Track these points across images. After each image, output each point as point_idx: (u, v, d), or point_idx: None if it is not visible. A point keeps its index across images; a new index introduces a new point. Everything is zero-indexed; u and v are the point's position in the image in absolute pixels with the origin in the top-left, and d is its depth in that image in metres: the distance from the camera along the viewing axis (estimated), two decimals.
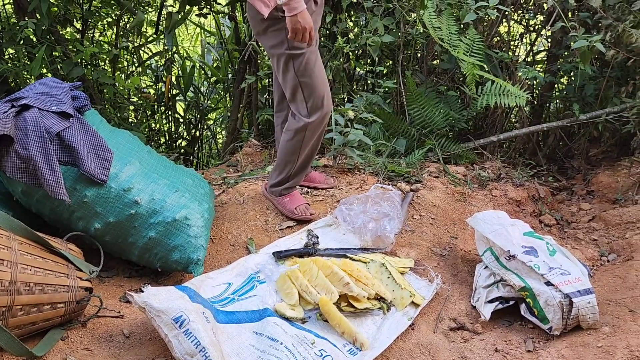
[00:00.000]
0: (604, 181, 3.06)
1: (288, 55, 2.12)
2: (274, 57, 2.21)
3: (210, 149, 4.47)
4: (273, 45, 2.15)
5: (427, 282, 2.14)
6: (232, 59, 3.99)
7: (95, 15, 3.54)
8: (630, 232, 2.54)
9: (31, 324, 1.57)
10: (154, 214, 1.95)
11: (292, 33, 2.01)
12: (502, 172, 3.13)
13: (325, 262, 1.99)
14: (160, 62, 4.03)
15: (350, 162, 3.01)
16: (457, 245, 2.43)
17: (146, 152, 2.12)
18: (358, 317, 1.89)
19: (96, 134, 1.94)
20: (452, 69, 3.42)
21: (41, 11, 2.93)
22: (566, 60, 3.36)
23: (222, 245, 2.29)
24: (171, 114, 4.08)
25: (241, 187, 2.69)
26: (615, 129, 3.17)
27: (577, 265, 2.05)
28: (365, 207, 2.36)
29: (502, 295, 2.02)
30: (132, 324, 1.78)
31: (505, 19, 3.48)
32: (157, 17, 3.75)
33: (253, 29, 2.21)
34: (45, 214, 1.94)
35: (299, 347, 1.66)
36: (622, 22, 2.82)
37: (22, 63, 3.04)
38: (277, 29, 2.09)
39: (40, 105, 1.88)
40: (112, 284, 2.03)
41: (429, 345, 1.84)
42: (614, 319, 1.90)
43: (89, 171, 1.84)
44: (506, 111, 3.54)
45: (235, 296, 1.92)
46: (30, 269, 1.56)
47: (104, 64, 3.71)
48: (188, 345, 1.52)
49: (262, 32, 2.16)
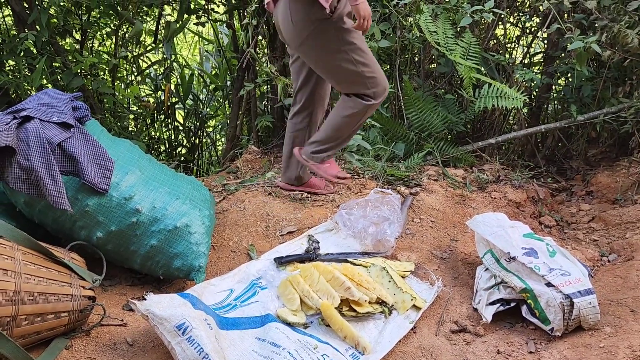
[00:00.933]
0: (603, 181, 3.07)
1: (346, 51, 2.19)
2: (324, 58, 2.24)
3: (210, 156, 4.49)
4: (324, 45, 2.20)
5: (428, 285, 2.15)
6: (231, 67, 4.02)
7: (94, 25, 3.57)
8: (630, 232, 2.55)
9: (35, 333, 1.58)
10: (155, 222, 1.97)
11: (360, 20, 2.12)
12: (501, 174, 3.14)
13: (326, 267, 2.00)
14: (159, 71, 4.05)
15: (350, 166, 3.03)
16: (458, 248, 2.44)
17: (147, 160, 2.13)
18: (360, 321, 1.90)
19: (97, 143, 1.96)
20: (449, 72, 3.44)
21: (41, 23, 2.96)
22: (563, 62, 3.38)
23: (223, 252, 2.30)
24: (171, 122, 4.10)
25: (241, 193, 2.70)
26: (613, 129, 3.18)
27: (577, 265, 2.06)
28: (365, 211, 2.37)
29: (503, 297, 2.02)
30: (135, 332, 1.79)
31: (501, 22, 3.50)
32: (156, 27, 3.78)
33: (298, 34, 2.20)
34: (47, 224, 1.95)
35: (302, 352, 1.67)
36: (617, 23, 2.83)
37: (23, 75, 3.06)
38: (326, 28, 2.15)
39: (42, 116, 1.89)
40: (114, 292, 2.03)
41: (431, 348, 1.85)
42: (615, 319, 1.90)
43: (90, 180, 1.86)
44: (504, 113, 3.56)
45: (237, 302, 1.93)
46: (33, 279, 1.57)
47: (104, 73, 3.74)
48: (191, 352, 1.53)
49: (311, 35, 2.18)
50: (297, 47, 2.27)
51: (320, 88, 2.50)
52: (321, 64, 2.29)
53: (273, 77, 3.22)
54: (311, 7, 2.12)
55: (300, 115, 2.55)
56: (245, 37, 3.36)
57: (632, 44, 2.75)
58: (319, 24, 2.14)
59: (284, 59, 3.47)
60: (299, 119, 2.56)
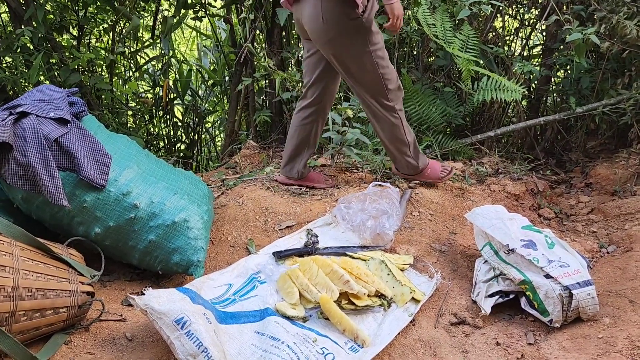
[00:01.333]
0: (602, 173, 3.07)
1: (371, 52, 2.28)
2: (350, 56, 2.28)
3: (209, 151, 4.49)
4: (352, 44, 2.25)
5: (427, 278, 2.15)
6: (229, 62, 4.01)
7: (91, 21, 3.56)
8: (629, 224, 2.55)
9: (34, 329, 1.59)
10: (153, 217, 1.96)
11: (393, 20, 2.23)
12: (500, 167, 3.14)
13: (325, 261, 2.00)
14: (157, 67, 4.04)
15: (349, 161, 3.02)
16: (457, 240, 2.44)
17: (144, 155, 2.13)
18: (359, 314, 1.90)
19: (94, 139, 1.95)
20: (448, 65, 3.43)
21: (37, 19, 2.95)
22: (562, 54, 3.37)
23: (222, 247, 2.30)
24: (169, 117, 4.10)
25: (240, 188, 2.70)
26: (612, 121, 3.18)
27: (576, 257, 2.06)
28: (363, 205, 2.37)
29: (502, 289, 2.03)
30: (134, 327, 1.79)
31: (499, 14, 3.48)
32: (153, 22, 3.77)
33: (328, 31, 2.23)
34: (45, 220, 1.95)
35: (301, 346, 1.67)
36: (616, 14, 2.82)
37: (20, 71, 3.05)
38: (357, 28, 2.21)
39: (38, 112, 1.89)
40: (113, 287, 2.04)
41: (430, 340, 1.85)
42: (614, 310, 1.91)
43: (87, 176, 1.86)
44: (503, 106, 3.55)
45: (236, 297, 1.93)
46: (32, 275, 1.57)
47: (101, 70, 3.73)
48: (190, 346, 1.53)
49: (342, 33, 2.22)
50: (323, 44, 2.30)
51: (333, 85, 2.55)
52: (346, 62, 2.33)
53: (271, 72, 3.22)
54: (344, 5, 2.16)
55: (308, 110, 2.57)
56: (243, 31, 3.35)
57: (631, 35, 2.74)
58: (351, 22, 2.20)
59: (282, 53, 3.46)
60: (306, 114, 2.58)
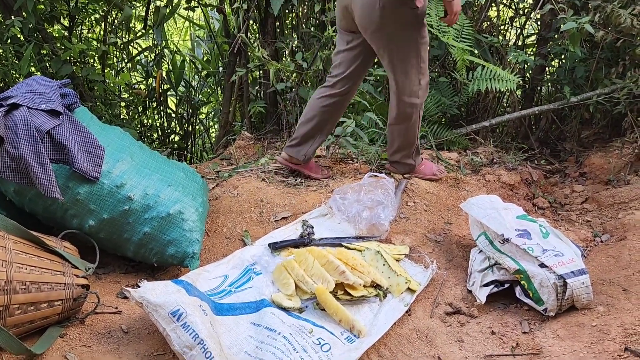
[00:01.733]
0: (596, 163, 3.08)
1: (419, 44, 2.35)
2: (399, 47, 2.34)
3: (204, 143, 4.46)
4: (404, 35, 2.31)
5: (422, 268, 2.15)
6: (222, 52, 3.97)
7: (82, 11, 3.51)
8: (622, 213, 2.56)
9: (29, 322, 1.58)
10: (147, 209, 1.95)
11: (451, 15, 2.32)
12: (495, 157, 3.14)
13: (320, 252, 2.00)
14: (150, 57, 3.99)
15: (344, 151, 3.02)
16: (452, 230, 2.45)
17: (138, 147, 2.11)
18: (355, 304, 1.90)
19: (87, 131, 1.93)
20: (443, 55, 3.42)
21: (27, 9, 2.90)
22: (556, 43, 3.36)
23: (217, 239, 2.29)
24: (163, 109, 4.06)
25: (235, 180, 2.69)
26: (606, 110, 3.18)
27: (570, 246, 2.07)
28: (359, 196, 2.37)
29: (497, 278, 2.04)
30: (130, 319, 1.79)
31: (494, 3, 3.47)
32: (145, 12, 3.73)
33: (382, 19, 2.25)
34: (38, 213, 1.93)
35: (297, 337, 1.68)
36: (610, 3, 2.81)
37: (10, 62, 3.01)
38: (411, 20, 2.29)
39: (29, 104, 1.86)
40: (108, 280, 2.03)
41: (426, 330, 1.86)
42: (608, 299, 1.92)
43: (81, 168, 1.84)
44: (498, 96, 3.55)
45: (232, 288, 1.93)
46: (26, 268, 1.56)
47: (93, 60, 3.68)
48: (186, 338, 1.53)
49: (396, 23, 2.26)
50: (374, 32, 2.32)
51: (360, 81, 2.63)
52: (394, 52, 2.36)
53: (265, 62, 3.19)
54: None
55: (332, 99, 2.59)
56: (236, 21, 3.32)
57: (625, 24, 2.74)
58: (409, 12, 2.25)
59: (276, 44, 3.43)
60: (329, 102, 2.60)
